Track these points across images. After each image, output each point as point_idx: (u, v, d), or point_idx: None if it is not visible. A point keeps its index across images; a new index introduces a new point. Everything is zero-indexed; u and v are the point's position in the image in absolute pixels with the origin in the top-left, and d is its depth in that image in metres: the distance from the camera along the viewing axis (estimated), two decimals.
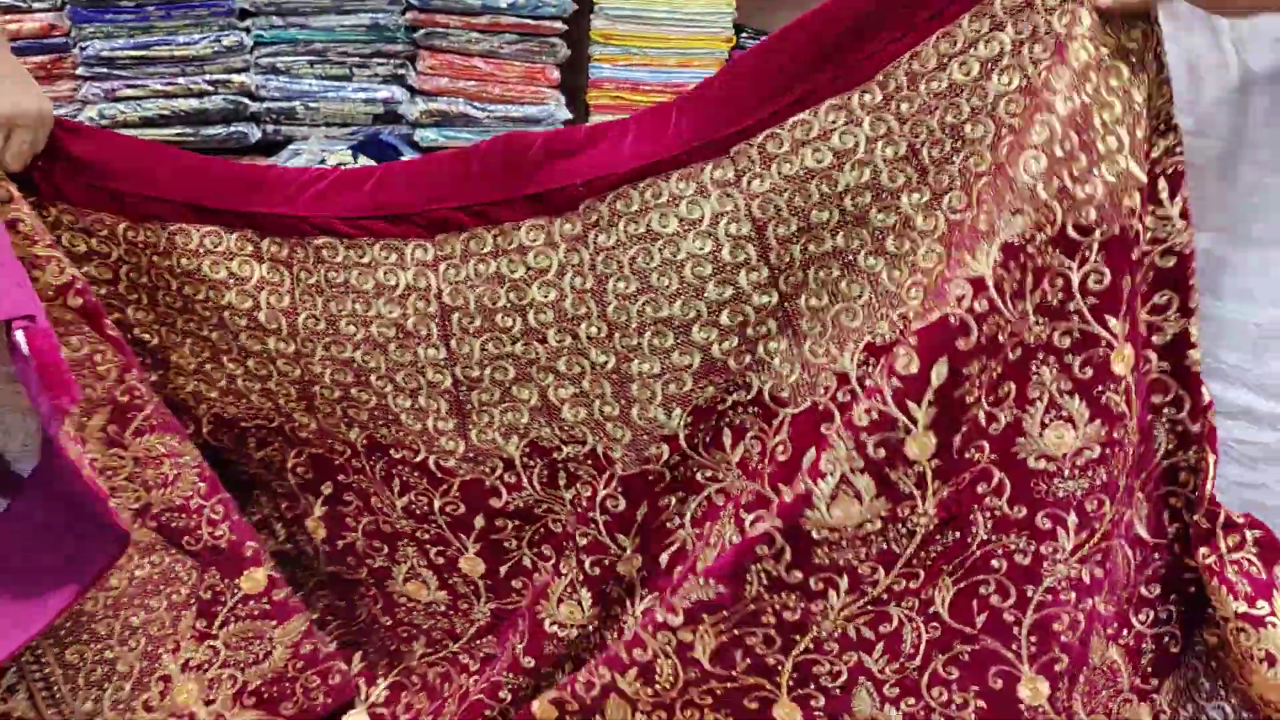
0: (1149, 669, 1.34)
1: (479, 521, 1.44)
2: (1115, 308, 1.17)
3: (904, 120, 1.22)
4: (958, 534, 1.26)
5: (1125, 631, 1.34)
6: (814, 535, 1.24)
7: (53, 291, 1.26)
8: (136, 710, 1.35)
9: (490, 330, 1.35)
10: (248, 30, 2.41)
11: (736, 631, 1.31)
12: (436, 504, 1.43)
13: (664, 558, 1.42)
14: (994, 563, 1.26)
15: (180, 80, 2.42)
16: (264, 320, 1.37)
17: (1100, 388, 1.20)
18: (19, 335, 1.05)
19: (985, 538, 1.25)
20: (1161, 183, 1.20)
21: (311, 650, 1.48)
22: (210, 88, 2.42)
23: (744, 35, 2.56)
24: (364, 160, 2.44)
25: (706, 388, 1.33)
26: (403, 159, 2.43)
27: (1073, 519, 1.23)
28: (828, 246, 1.29)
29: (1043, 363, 1.20)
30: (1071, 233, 1.15)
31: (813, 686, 1.33)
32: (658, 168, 1.27)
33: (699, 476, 1.39)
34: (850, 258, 1.30)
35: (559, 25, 2.38)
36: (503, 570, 1.48)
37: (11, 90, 1.25)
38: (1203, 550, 1.29)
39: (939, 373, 1.17)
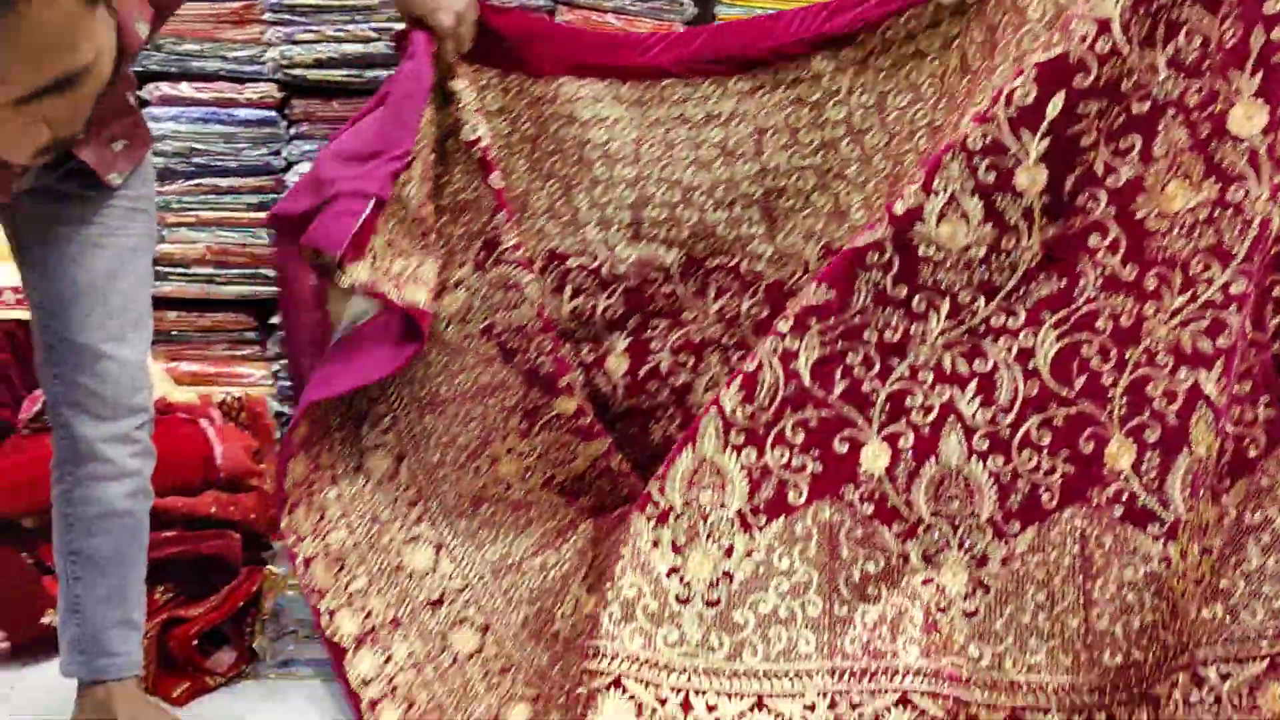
0: (1225, 468, 1.28)
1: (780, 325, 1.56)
2: (1240, 60, 1.18)
3: None
4: (1064, 282, 1.26)
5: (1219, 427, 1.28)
6: (921, 251, 1.28)
7: (464, 146, 1.59)
8: (468, 473, 1.63)
9: (794, 145, 1.56)
10: None
11: (840, 344, 1.32)
12: (744, 305, 1.59)
13: None
14: (1099, 323, 1.25)
15: (349, 27, 2.60)
16: (614, 150, 1.63)
17: (1215, 144, 1.19)
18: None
19: (1093, 294, 1.25)
20: None
21: (606, 466, 1.65)
22: (374, 34, 2.60)
23: None
24: None
25: None
26: None
27: (1178, 278, 1.22)
28: None
29: (1172, 120, 1.22)
30: None
31: (903, 422, 1.32)
32: None
33: None
34: None
35: None
36: None
37: None
38: None
39: (1055, 105, 1.21)
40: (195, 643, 1.62)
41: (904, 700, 1.28)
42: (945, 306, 1.30)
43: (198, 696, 1.59)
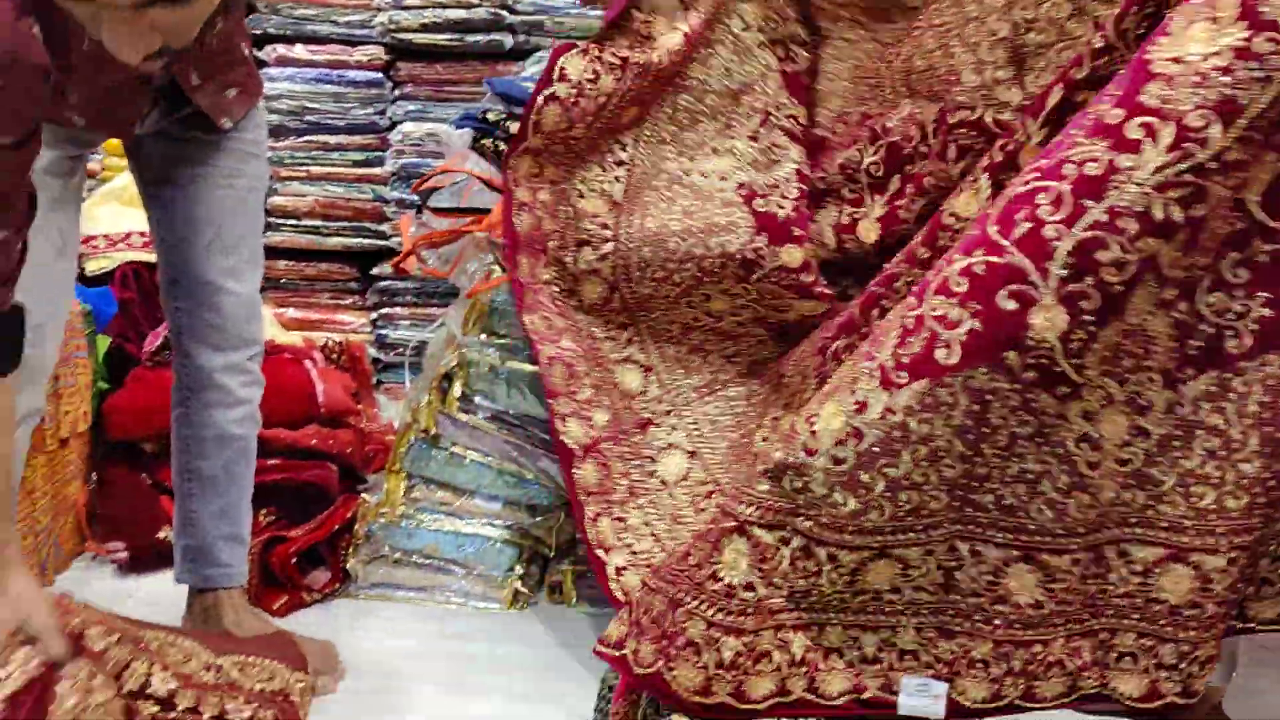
0: None
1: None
2: None
3: None
4: None
5: None
6: (1150, 62, 1.01)
7: (766, 42, 1.66)
8: (679, 305, 1.64)
9: None
10: None
11: (1028, 180, 1.08)
12: (984, 161, 1.39)
13: None
14: None
15: None
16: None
17: None
18: None
19: None
20: None
21: (813, 325, 1.61)
22: (476, 1, 2.71)
23: None
24: None
25: None
26: None
27: None
28: None
29: None
30: None
31: (1088, 281, 1.04)
32: None
33: None
34: None
35: None
36: None
37: None
38: None
39: None
40: (294, 561, 1.67)
41: (1028, 557, 1.15)
42: (1167, 132, 1.00)
43: (295, 610, 1.65)
